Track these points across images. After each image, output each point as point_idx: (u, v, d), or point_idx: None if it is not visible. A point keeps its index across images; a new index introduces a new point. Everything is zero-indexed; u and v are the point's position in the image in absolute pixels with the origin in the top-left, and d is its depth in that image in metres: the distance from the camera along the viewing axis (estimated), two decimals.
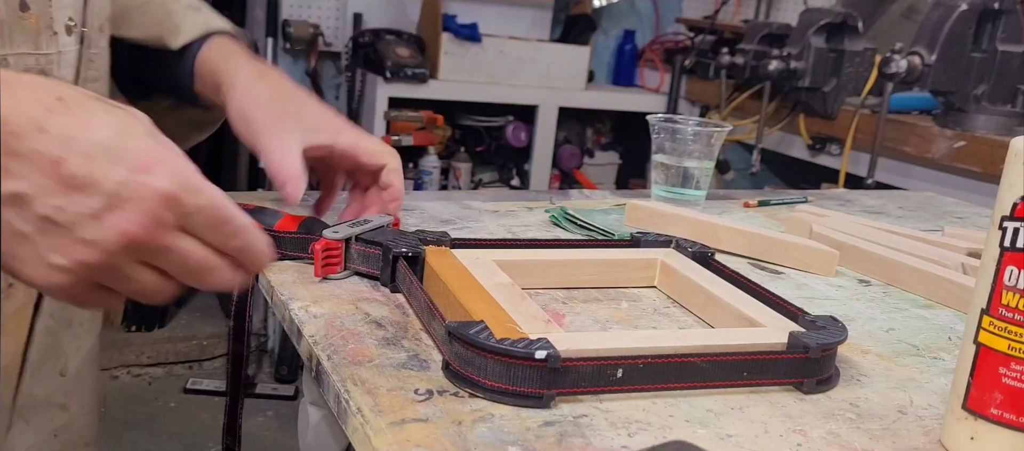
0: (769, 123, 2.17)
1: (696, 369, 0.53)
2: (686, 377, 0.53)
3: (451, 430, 0.46)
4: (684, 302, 0.69)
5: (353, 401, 0.48)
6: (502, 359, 0.49)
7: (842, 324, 0.58)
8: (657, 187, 1.02)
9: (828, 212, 1.01)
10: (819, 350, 0.55)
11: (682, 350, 0.53)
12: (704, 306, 0.66)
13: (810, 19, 1.96)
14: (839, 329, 0.58)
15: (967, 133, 1.70)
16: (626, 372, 0.51)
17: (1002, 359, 0.46)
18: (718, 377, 0.54)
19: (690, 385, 0.53)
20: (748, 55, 2.10)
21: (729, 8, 2.89)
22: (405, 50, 2.44)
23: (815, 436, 0.50)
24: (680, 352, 0.53)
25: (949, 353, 0.65)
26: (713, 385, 0.54)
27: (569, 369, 0.50)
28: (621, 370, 0.51)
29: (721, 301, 0.64)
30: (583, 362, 0.50)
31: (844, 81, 1.95)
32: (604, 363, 0.51)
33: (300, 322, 0.59)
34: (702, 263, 0.72)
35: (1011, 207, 0.46)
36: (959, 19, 1.68)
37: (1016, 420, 0.46)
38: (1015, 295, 0.45)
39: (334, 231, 0.66)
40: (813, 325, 0.58)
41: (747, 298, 0.64)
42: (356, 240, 0.67)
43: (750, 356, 0.54)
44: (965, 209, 1.21)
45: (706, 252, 0.73)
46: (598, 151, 2.98)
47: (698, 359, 0.53)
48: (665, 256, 0.73)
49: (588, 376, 0.50)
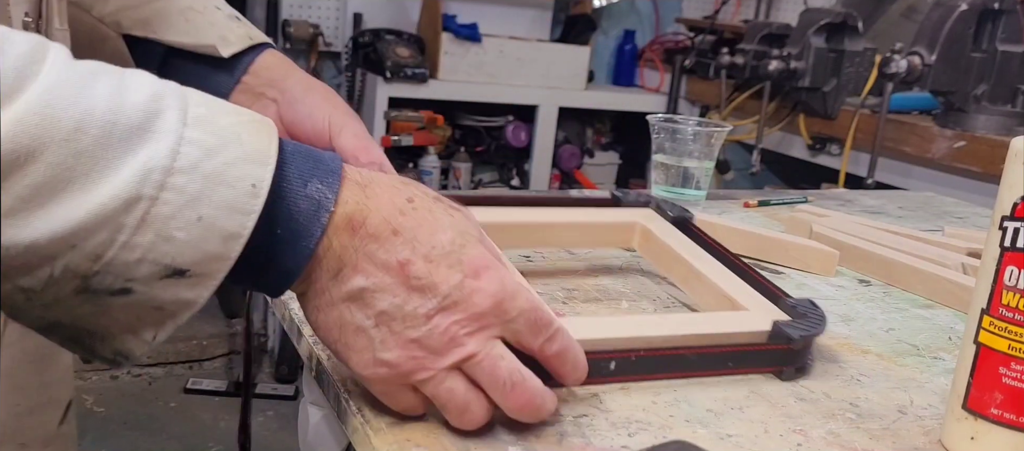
0: (769, 123, 2.17)
1: (685, 361, 0.54)
2: (676, 368, 0.54)
3: (451, 430, 0.46)
4: (664, 270, 0.69)
5: (353, 401, 0.48)
6: None
7: (821, 310, 0.59)
8: (657, 187, 1.02)
9: (828, 212, 1.01)
10: (802, 342, 0.55)
11: (673, 342, 0.54)
12: (685, 278, 0.67)
13: (810, 19, 1.96)
14: (819, 316, 0.58)
15: (967, 133, 1.70)
16: (619, 365, 0.52)
17: (1002, 359, 0.46)
18: (705, 367, 0.55)
19: (678, 375, 0.55)
20: (748, 55, 2.10)
21: (729, 8, 2.90)
22: (405, 50, 2.44)
23: (815, 436, 0.50)
24: (671, 345, 0.54)
25: (949, 353, 0.65)
26: (699, 374, 0.55)
27: None
28: (614, 363, 0.52)
29: (702, 277, 0.64)
30: None
31: (844, 81, 1.95)
32: (598, 356, 0.51)
33: (300, 322, 0.59)
34: (681, 228, 0.71)
35: (1011, 207, 0.46)
36: (959, 19, 1.68)
37: (1016, 420, 0.46)
38: (1015, 295, 0.45)
39: None
40: (794, 311, 0.59)
41: (728, 274, 0.64)
42: None
43: (737, 348, 0.56)
44: (965, 209, 1.21)
45: (685, 217, 0.73)
46: (598, 151, 2.98)
47: (688, 351, 0.54)
48: (645, 219, 0.72)
49: None
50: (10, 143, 0.34)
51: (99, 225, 0.36)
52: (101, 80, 0.37)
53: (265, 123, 0.42)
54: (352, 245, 0.42)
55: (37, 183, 0.34)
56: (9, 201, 0.34)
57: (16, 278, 0.36)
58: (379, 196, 0.43)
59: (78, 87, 0.36)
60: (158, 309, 0.39)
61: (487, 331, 0.43)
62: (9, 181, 0.34)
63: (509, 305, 0.44)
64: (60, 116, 0.35)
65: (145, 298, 0.38)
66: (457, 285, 0.43)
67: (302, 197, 0.41)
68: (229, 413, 2.30)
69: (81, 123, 0.35)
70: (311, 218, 0.41)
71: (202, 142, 0.38)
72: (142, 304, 0.38)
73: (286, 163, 0.41)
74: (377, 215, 0.42)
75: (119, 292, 0.37)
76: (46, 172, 0.34)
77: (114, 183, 0.35)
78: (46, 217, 0.35)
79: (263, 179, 0.39)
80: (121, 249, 0.36)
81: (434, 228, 0.43)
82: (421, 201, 0.44)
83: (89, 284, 0.37)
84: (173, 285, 0.38)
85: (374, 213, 0.42)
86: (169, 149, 0.37)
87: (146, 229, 0.36)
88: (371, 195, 0.43)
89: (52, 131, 0.34)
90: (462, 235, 0.44)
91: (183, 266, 0.38)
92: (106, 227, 0.36)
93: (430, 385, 0.44)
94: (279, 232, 0.41)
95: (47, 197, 0.35)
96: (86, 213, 0.35)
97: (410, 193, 0.44)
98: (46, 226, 0.35)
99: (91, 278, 0.37)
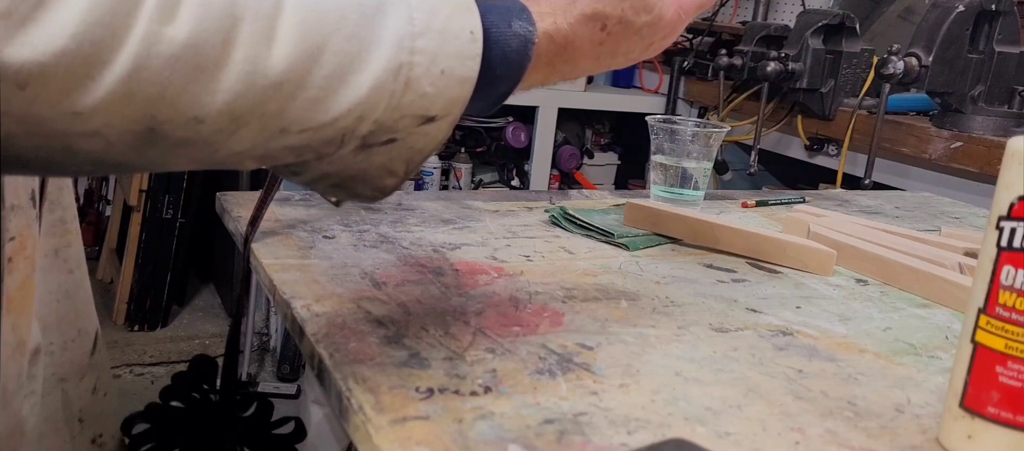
0: (767, 124, 2.17)
1: None
2: None
3: (452, 427, 0.46)
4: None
5: (355, 399, 0.49)
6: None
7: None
8: (656, 187, 1.03)
9: (826, 212, 1.02)
10: None
11: None
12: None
13: (807, 21, 1.96)
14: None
15: (964, 134, 1.70)
16: None
17: (999, 358, 0.46)
18: None
19: None
20: (746, 56, 2.11)
21: (727, 10, 2.90)
22: None
23: (813, 434, 0.50)
24: None
25: (946, 352, 0.65)
26: None
27: None
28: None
29: None
30: None
31: (841, 82, 1.96)
32: None
33: (302, 321, 0.59)
34: None
35: (1008, 207, 0.46)
36: (956, 20, 1.68)
37: (1013, 419, 0.46)
38: (1012, 294, 0.46)
39: None
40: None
41: None
42: None
43: None
44: (962, 209, 1.21)
45: None
46: (597, 152, 2.98)
47: None
48: None
49: None
50: (303, 43, 0.39)
51: (378, 94, 0.41)
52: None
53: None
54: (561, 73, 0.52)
55: (330, 71, 0.40)
56: (315, 91, 0.40)
57: (317, 148, 0.42)
58: (579, 48, 0.51)
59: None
60: (412, 149, 0.45)
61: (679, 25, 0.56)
62: (312, 74, 0.39)
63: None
64: (326, 10, 0.40)
65: (405, 143, 0.44)
66: (651, 23, 0.54)
67: (511, 35, 0.47)
68: None
69: (342, 12, 0.40)
70: (520, 54, 0.48)
71: (425, 4, 0.43)
72: (401, 147, 0.44)
73: (485, 10, 0.47)
74: (581, 60, 0.52)
75: (386, 142, 0.44)
76: (334, 60, 0.40)
77: (380, 56, 0.41)
78: (340, 97, 0.41)
79: (477, 25, 0.45)
80: (391, 110, 0.42)
81: (625, 33, 0.53)
82: (608, 23, 0.52)
83: (366, 141, 0.43)
84: (425, 129, 0.44)
85: (579, 60, 0.52)
86: (406, 17, 0.42)
87: (408, 90, 0.42)
88: (572, 51, 0.51)
89: (326, 25, 0.40)
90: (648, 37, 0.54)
91: (434, 113, 0.44)
92: (383, 94, 0.42)
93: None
94: (497, 72, 0.47)
95: (339, 81, 0.40)
96: (368, 87, 0.41)
97: (602, 20, 0.51)
98: (342, 105, 0.41)
99: (368, 137, 0.43)
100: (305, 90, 0.39)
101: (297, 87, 0.39)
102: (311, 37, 0.39)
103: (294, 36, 0.39)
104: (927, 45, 1.69)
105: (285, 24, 0.38)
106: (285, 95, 0.39)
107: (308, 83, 0.39)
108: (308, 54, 0.39)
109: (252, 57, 0.37)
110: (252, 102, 0.38)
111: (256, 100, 0.38)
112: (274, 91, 0.38)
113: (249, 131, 0.39)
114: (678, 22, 0.55)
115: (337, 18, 0.40)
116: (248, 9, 0.37)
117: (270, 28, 0.38)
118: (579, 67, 0.52)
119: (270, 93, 0.38)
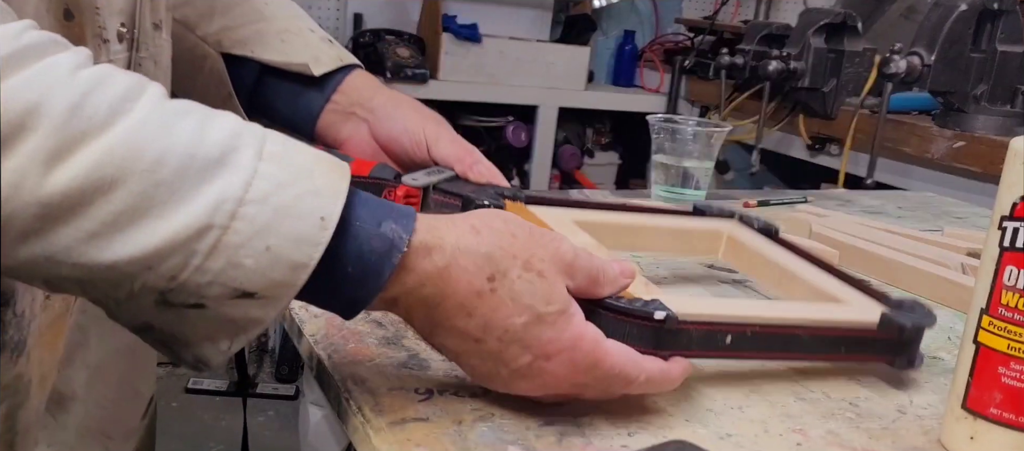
0: (769, 123, 2.17)
1: (799, 341, 0.54)
2: (789, 348, 0.55)
3: (451, 429, 0.46)
4: (754, 274, 0.70)
5: (354, 400, 0.49)
6: (618, 317, 0.48)
7: (927, 308, 0.59)
8: (657, 187, 1.02)
9: (828, 212, 1.01)
10: (912, 330, 0.56)
11: (788, 321, 0.54)
12: (779, 280, 0.67)
13: (810, 19, 1.95)
14: (926, 313, 0.58)
15: (966, 133, 1.70)
16: (734, 339, 0.52)
17: (1002, 359, 0.46)
18: (817, 350, 0.56)
19: (790, 355, 0.56)
20: (748, 55, 2.10)
21: (729, 9, 2.90)
22: (405, 50, 2.44)
23: (815, 435, 0.50)
24: (786, 323, 0.54)
25: (949, 353, 0.65)
26: (811, 356, 0.56)
27: (682, 332, 0.49)
28: (730, 337, 0.52)
29: (798, 277, 0.65)
30: (697, 326, 0.50)
31: (844, 81, 1.95)
32: (716, 328, 0.51)
33: (300, 321, 0.59)
34: (769, 237, 0.72)
35: (1011, 207, 0.46)
36: (958, 19, 1.68)
37: (1015, 420, 0.46)
38: (1015, 295, 0.45)
39: (413, 178, 0.65)
40: (901, 306, 0.59)
41: (825, 276, 0.65)
42: (435, 189, 0.66)
43: (849, 333, 0.56)
44: (964, 209, 1.21)
45: (771, 228, 0.73)
46: (598, 151, 2.98)
47: (801, 332, 0.54)
48: (730, 229, 0.73)
49: (699, 340, 0.50)
50: (96, 172, 0.37)
51: (173, 250, 0.38)
52: (188, 119, 0.39)
53: (340, 165, 0.44)
54: (429, 316, 0.46)
55: (119, 209, 0.37)
56: (94, 225, 0.37)
57: (104, 289, 0.39)
58: (458, 280, 0.45)
59: (164, 124, 0.39)
60: (230, 322, 0.41)
61: (562, 395, 0.48)
62: (95, 206, 0.37)
63: (585, 378, 0.47)
64: (144, 149, 0.37)
65: (217, 313, 0.40)
66: (528, 364, 0.46)
67: (375, 235, 0.43)
68: (230, 413, 2.31)
69: (163, 156, 0.38)
70: (382, 257, 0.43)
71: (274, 176, 0.40)
72: (216, 318, 0.41)
73: (358, 203, 0.43)
74: (453, 299, 0.45)
75: (194, 306, 0.40)
76: (127, 199, 0.37)
77: (188, 212, 0.38)
78: (125, 241, 0.38)
79: (333, 213, 0.41)
80: (194, 272, 0.39)
81: (509, 314, 0.45)
82: (503, 283, 0.45)
83: (166, 298, 0.40)
84: (243, 305, 0.40)
85: (449, 298, 0.45)
86: (242, 182, 0.39)
87: (217, 256, 0.39)
88: (453, 280, 0.45)
89: (135, 163, 0.37)
90: (537, 320, 0.45)
91: (252, 290, 0.40)
92: (180, 252, 0.38)
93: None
94: (350, 269, 0.43)
95: (127, 223, 0.37)
96: (161, 239, 0.38)
97: (493, 270, 0.45)
98: (125, 249, 0.38)
99: (167, 294, 0.39)
100: (81, 220, 0.37)
101: (69, 214, 0.36)
102: (107, 169, 0.37)
103: (88, 163, 0.36)
104: (929, 44, 1.69)
105: (88, 149, 0.36)
106: (51, 218, 0.36)
107: (87, 214, 0.37)
108: (94, 185, 0.36)
109: (22, 169, 0.35)
110: (9, 213, 0.36)
111: (12, 213, 0.36)
112: (38, 210, 0.36)
113: (10, 245, 0.37)
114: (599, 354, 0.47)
115: (153, 160, 0.37)
116: (50, 123, 0.36)
117: (65, 149, 0.36)
118: (449, 317, 0.45)
119: (33, 210, 0.36)
